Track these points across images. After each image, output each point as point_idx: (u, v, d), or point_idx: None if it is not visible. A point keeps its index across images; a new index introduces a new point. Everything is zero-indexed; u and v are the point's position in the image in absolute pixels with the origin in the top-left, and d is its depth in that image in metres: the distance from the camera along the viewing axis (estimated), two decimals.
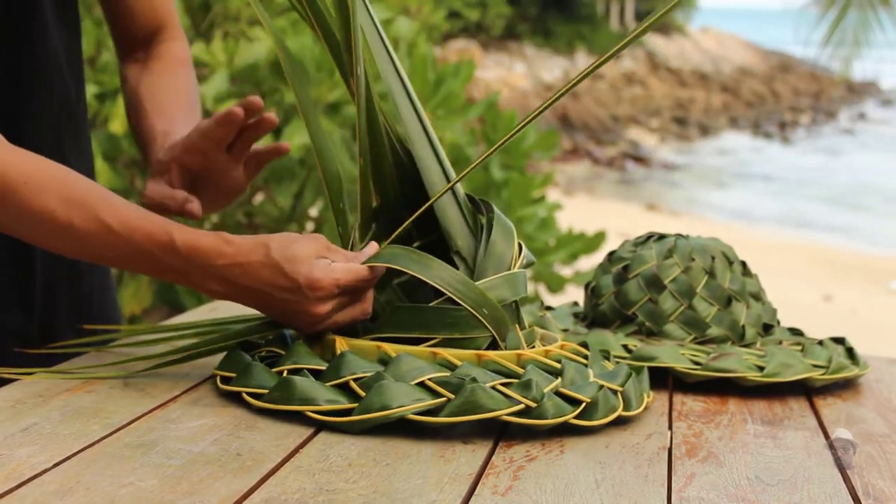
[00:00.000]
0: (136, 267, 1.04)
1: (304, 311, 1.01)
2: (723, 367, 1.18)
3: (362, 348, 1.02)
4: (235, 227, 3.12)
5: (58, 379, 1.06)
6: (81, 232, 1.01)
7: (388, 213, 1.12)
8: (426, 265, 1.03)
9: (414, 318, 1.03)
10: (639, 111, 20.80)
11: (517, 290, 1.07)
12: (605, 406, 1.00)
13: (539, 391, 0.96)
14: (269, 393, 0.98)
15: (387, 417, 0.93)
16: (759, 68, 27.60)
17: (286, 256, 1.00)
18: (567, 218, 3.70)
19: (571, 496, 0.84)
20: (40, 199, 1.00)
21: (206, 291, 1.03)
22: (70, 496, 0.78)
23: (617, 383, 1.04)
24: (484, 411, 0.94)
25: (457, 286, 1.02)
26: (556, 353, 1.06)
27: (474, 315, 1.02)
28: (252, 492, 0.81)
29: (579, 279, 3.47)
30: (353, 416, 0.94)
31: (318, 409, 0.95)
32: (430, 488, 0.84)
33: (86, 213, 1.00)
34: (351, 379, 0.96)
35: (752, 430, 1.06)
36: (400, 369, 0.97)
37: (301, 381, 0.97)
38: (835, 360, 1.22)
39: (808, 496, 0.88)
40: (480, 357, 1.01)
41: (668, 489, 0.87)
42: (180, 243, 1.00)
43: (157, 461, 0.85)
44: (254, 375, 1.01)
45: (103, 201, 1.02)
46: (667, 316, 1.26)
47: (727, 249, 1.31)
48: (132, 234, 1.00)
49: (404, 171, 1.11)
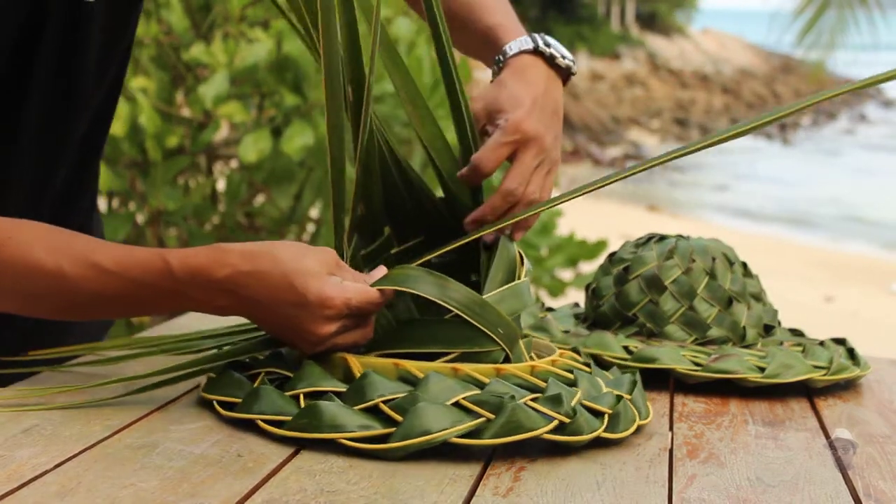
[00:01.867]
0: (137, 305, 0.98)
1: (308, 330, 0.95)
2: (724, 369, 1.18)
3: (379, 366, 0.95)
4: (235, 229, 3.12)
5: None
6: (74, 279, 0.95)
7: (370, 223, 1.09)
8: (439, 285, 0.98)
9: (432, 333, 0.99)
10: (640, 112, 20.81)
11: (524, 301, 1.04)
12: (626, 417, 0.98)
13: (569, 405, 0.93)
14: (294, 420, 0.91)
15: (430, 442, 0.88)
16: (761, 69, 27.60)
17: (296, 269, 0.94)
18: (568, 219, 3.70)
19: (572, 497, 0.84)
20: (28, 252, 0.96)
21: (215, 309, 0.97)
22: (71, 497, 0.78)
23: (624, 391, 1.02)
24: (525, 430, 0.90)
25: (473, 307, 0.98)
26: (562, 363, 1.03)
27: (490, 335, 0.98)
28: (253, 493, 0.81)
29: (580, 281, 3.46)
30: (391, 443, 0.88)
31: (352, 436, 0.89)
32: (431, 489, 0.83)
33: (75, 257, 0.96)
34: (381, 401, 0.90)
35: (753, 431, 1.06)
36: (431, 389, 0.91)
37: (328, 406, 0.90)
38: (836, 361, 1.22)
39: (809, 497, 0.88)
40: (499, 371, 0.96)
41: (669, 490, 0.87)
42: (176, 265, 0.95)
43: (158, 462, 0.85)
44: (266, 401, 0.93)
45: (90, 244, 0.98)
46: (668, 317, 1.26)
47: (728, 250, 1.31)
48: (126, 270, 0.95)
49: (390, 181, 1.09)
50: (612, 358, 1.20)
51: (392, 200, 1.10)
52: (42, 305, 1.00)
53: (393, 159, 1.09)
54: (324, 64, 0.99)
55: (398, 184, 1.10)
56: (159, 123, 2.79)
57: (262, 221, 3.24)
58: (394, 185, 1.10)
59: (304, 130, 2.79)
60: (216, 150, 3.21)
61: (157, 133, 2.78)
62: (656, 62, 24.60)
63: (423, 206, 1.12)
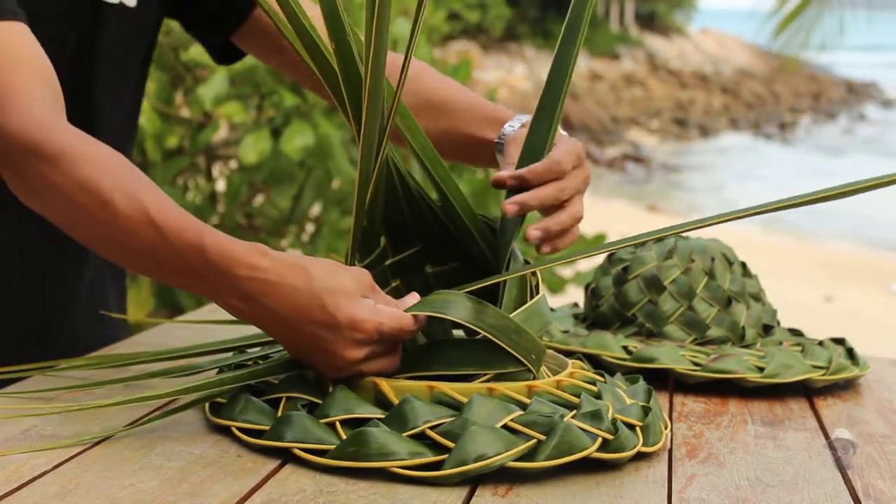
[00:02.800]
0: (161, 267, 0.94)
1: (334, 353, 0.90)
2: (723, 369, 1.18)
3: (411, 390, 0.91)
4: (235, 229, 3.12)
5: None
6: (118, 211, 0.92)
7: (370, 234, 1.06)
8: (475, 310, 0.93)
9: (468, 355, 0.95)
10: (639, 112, 20.81)
11: (547, 318, 1.01)
12: (655, 428, 0.96)
13: (608, 421, 0.90)
14: (339, 449, 0.86)
15: (487, 467, 0.85)
16: (760, 69, 27.60)
17: (329, 288, 0.89)
18: None
19: (572, 497, 0.84)
20: (92, 170, 0.94)
21: (228, 307, 0.93)
22: (70, 498, 0.78)
23: (642, 401, 1.00)
24: (577, 450, 0.87)
25: (507, 333, 0.94)
26: (580, 374, 1.00)
27: (524, 361, 0.94)
28: (252, 493, 0.81)
29: (579, 280, 3.46)
30: (446, 470, 0.84)
31: (404, 463, 0.85)
32: (431, 490, 0.83)
33: (128, 193, 0.93)
34: (427, 428, 0.87)
35: (752, 431, 1.06)
36: (478, 412, 0.88)
37: (377, 433, 0.86)
38: (835, 361, 1.22)
39: (808, 497, 0.88)
40: (531, 388, 0.93)
41: (669, 490, 0.87)
42: (209, 244, 0.91)
43: (157, 463, 0.85)
44: (300, 428, 0.88)
45: (147, 189, 0.94)
46: (667, 317, 1.26)
47: (727, 250, 1.31)
48: (165, 225, 0.91)
49: (391, 192, 1.06)
50: (612, 358, 1.20)
51: (390, 211, 1.07)
52: (80, 225, 0.97)
53: (395, 170, 1.06)
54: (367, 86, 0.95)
55: (399, 195, 1.07)
56: (159, 124, 2.79)
57: (262, 222, 3.24)
58: (394, 197, 1.07)
59: (304, 131, 2.79)
60: (215, 150, 3.21)
61: (156, 133, 2.78)
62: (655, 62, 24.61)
63: (422, 215, 1.09)
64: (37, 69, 1.00)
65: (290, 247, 3.40)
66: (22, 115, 0.96)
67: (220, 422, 0.93)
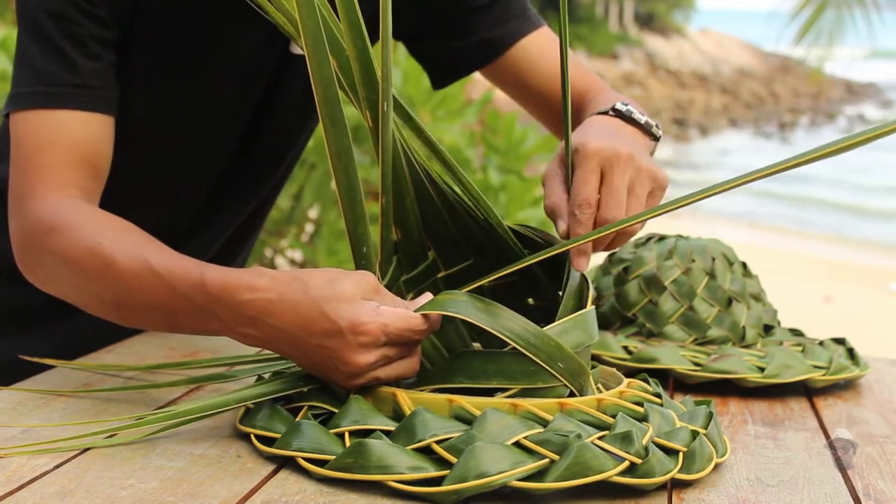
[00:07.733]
0: (173, 317, 0.94)
1: (343, 360, 0.88)
2: (723, 369, 1.18)
3: (430, 402, 0.88)
4: None
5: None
6: (122, 272, 0.94)
7: (410, 247, 1.03)
8: (489, 312, 0.89)
9: (491, 367, 0.90)
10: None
11: (591, 334, 0.94)
12: (702, 455, 0.90)
13: (640, 444, 0.85)
14: (338, 460, 0.83)
15: (488, 485, 0.80)
16: (759, 70, 27.62)
17: (326, 295, 0.87)
18: None
19: (571, 497, 0.84)
20: (92, 236, 0.97)
21: (241, 337, 0.91)
22: (70, 498, 0.78)
23: (699, 425, 0.94)
24: (593, 473, 0.82)
25: (528, 339, 0.88)
26: (631, 394, 0.95)
27: (549, 370, 0.89)
28: (253, 493, 0.81)
29: None
30: (445, 486, 0.80)
31: (401, 478, 0.82)
32: None
33: (130, 252, 0.94)
34: (433, 442, 0.83)
35: (752, 431, 1.06)
36: (489, 428, 0.83)
37: (377, 445, 0.83)
38: (835, 361, 1.22)
39: (808, 497, 0.88)
40: (562, 406, 0.88)
41: (669, 490, 0.87)
42: (209, 277, 0.90)
43: (157, 463, 0.85)
44: (307, 436, 0.86)
45: (149, 244, 0.96)
46: (667, 317, 1.26)
47: (727, 250, 1.31)
48: (169, 273, 0.92)
49: (428, 204, 1.02)
50: (612, 358, 1.20)
51: (432, 224, 1.03)
52: (89, 294, 0.99)
53: (429, 180, 1.01)
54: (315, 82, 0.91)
55: (438, 206, 1.02)
56: None
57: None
58: (433, 209, 1.02)
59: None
60: None
61: None
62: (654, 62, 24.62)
63: (470, 229, 1.04)
64: (76, 152, 1.05)
65: (290, 247, 3.40)
66: (45, 199, 1.02)
67: (243, 429, 0.92)
